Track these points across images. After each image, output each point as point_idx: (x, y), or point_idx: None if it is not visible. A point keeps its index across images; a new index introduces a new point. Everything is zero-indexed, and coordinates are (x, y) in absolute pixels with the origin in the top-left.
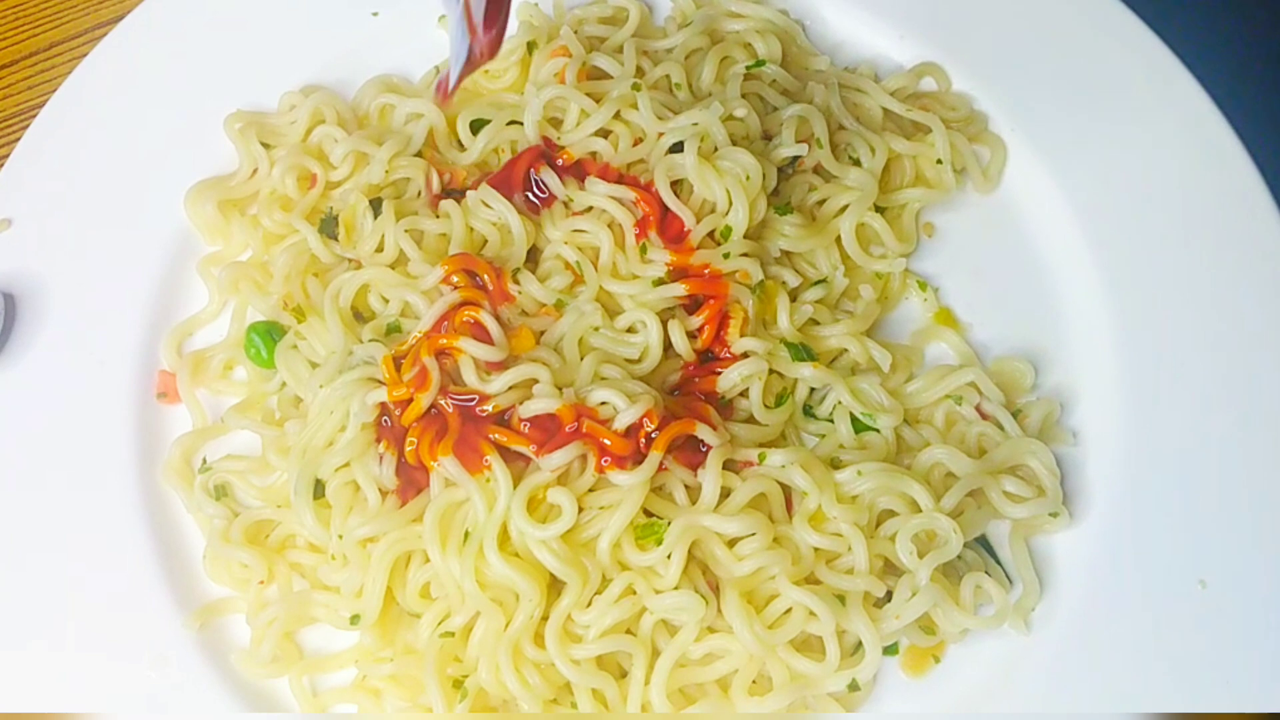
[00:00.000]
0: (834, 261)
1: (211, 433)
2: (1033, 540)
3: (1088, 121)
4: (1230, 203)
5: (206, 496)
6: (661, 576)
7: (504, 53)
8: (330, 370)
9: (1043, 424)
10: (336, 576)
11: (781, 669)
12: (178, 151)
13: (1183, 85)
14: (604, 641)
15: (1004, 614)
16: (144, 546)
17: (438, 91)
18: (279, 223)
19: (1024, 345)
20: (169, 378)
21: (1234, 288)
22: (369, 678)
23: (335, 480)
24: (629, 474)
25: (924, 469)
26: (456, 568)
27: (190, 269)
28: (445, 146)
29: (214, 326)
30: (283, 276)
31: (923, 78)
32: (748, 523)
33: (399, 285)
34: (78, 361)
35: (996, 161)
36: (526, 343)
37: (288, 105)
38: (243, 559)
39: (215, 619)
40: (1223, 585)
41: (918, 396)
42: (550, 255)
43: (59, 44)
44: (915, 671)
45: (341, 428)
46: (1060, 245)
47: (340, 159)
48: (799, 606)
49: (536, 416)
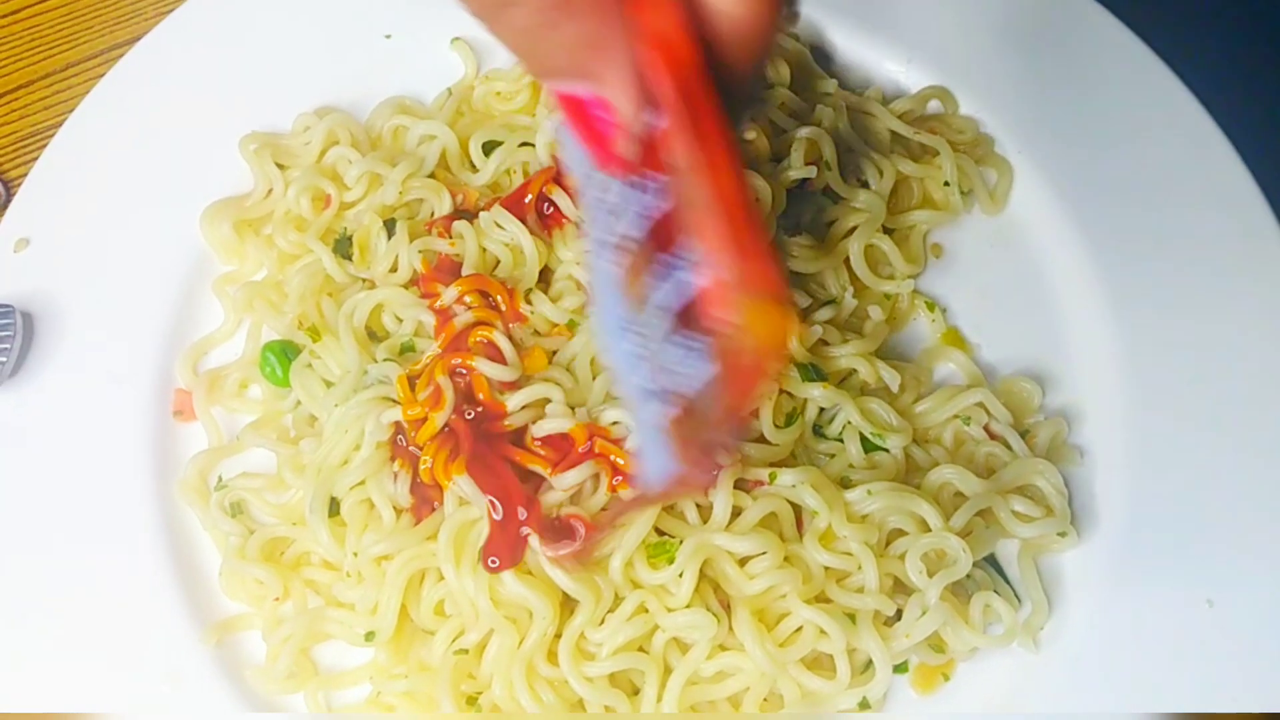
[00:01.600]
0: (843, 282)
1: (227, 450)
2: (1041, 559)
3: (1094, 144)
4: (1236, 224)
5: (222, 513)
6: (673, 595)
7: (516, 75)
8: (345, 389)
9: (1050, 444)
10: (351, 593)
11: (792, 687)
12: (193, 172)
13: (1188, 109)
14: (616, 659)
15: (1013, 632)
16: (160, 563)
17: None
18: (294, 243)
19: (1031, 365)
20: (185, 396)
21: (1240, 307)
22: (383, 694)
23: (350, 498)
24: None
25: (933, 488)
26: (471, 585)
27: (206, 288)
28: (458, 168)
29: (229, 345)
30: (297, 296)
31: (930, 101)
32: (759, 542)
33: (413, 305)
34: (95, 379)
35: (1003, 183)
36: (539, 363)
37: (302, 127)
38: (258, 575)
39: (231, 635)
40: (1230, 604)
41: (926, 416)
42: (563, 276)
43: (75, 65)
44: (925, 689)
45: (356, 446)
46: (1067, 266)
47: (354, 180)
48: (810, 625)
49: (549, 436)
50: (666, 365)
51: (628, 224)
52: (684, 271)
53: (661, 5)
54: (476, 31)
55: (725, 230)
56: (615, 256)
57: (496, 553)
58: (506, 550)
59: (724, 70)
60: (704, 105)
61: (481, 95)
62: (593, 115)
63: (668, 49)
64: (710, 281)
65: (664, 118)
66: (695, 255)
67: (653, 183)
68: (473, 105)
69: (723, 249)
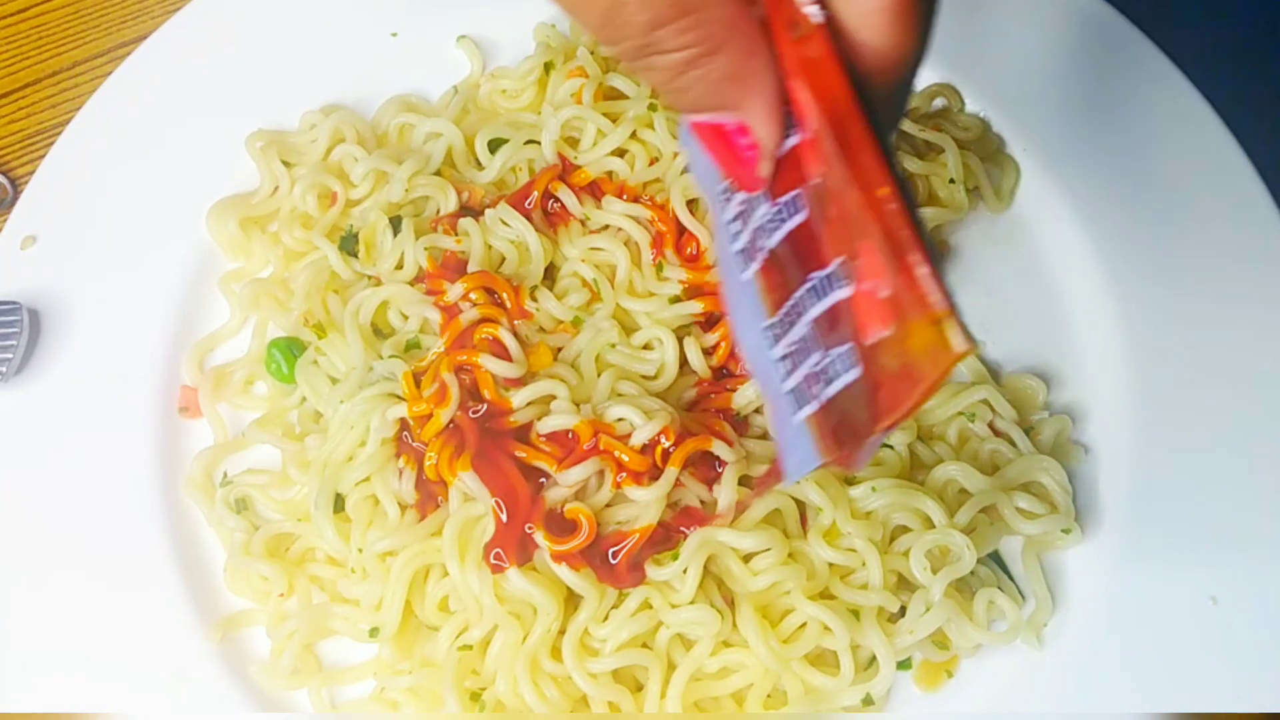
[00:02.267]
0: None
1: (232, 447)
2: (1045, 556)
3: (1100, 142)
4: (1242, 223)
5: (227, 510)
6: (678, 591)
7: (521, 73)
8: (351, 386)
9: (1055, 441)
10: (356, 589)
11: (796, 683)
12: (199, 169)
13: (1194, 108)
14: (620, 655)
15: (1017, 629)
16: (165, 559)
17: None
18: (299, 240)
19: (1036, 362)
20: (191, 393)
21: (1246, 306)
22: (387, 690)
23: (355, 494)
24: (646, 489)
25: (937, 485)
26: (475, 581)
27: (212, 285)
28: (464, 165)
29: (235, 342)
30: (303, 293)
31: (935, 98)
32: (763, 538)
33: (418, 302)
34: (101, 376)
35: (1009, 181)
36: (544, 359)
37: (308, 124)
38: (263, 572)
39: (235, 631)
40: (1234, 602)
41: (931, 413)
42: (568, 273)
43: (81, 63)
44: (929, 686)
45: (362, 442)
46: (1072, 264)
47: (360, 177)
48: (814, 621)
49: (554, 432)
50: (810, 369)
51: (769, 238)
52: (830, 283)
53: (810, 39)
54: (482, 29)
55: (882, 249)
56: (756, 268)
57: (502, 549)
58: (512, 547)
59: (869, 93)
60: (856, 130)
61: (487, 93)
62: (731, 139)
63: (818, 80)
64: (862, 294)
65: (807, 134)
66: (845, 269)
67: (795, 199)
68: (478, 103)
69: (879, 267)
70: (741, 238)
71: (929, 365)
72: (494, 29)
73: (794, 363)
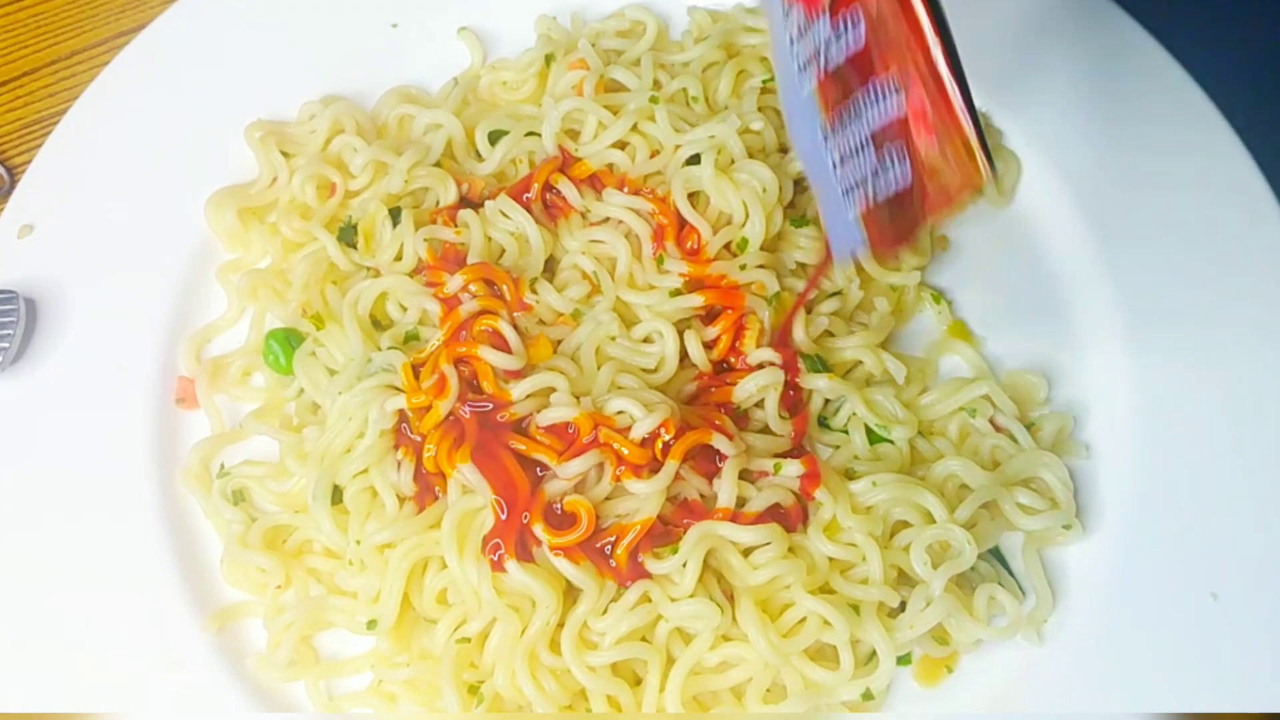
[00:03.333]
0: (849, 274)
1: (230, 438)
2: (1045, 552)
3: (1101, 138)
4: (1243, 218)
5: (224, 501)
6: (677, 584)
7: (522, 65)
8: (349, 377)
9: (1056, 437)
10: (353, 582)
11: (796, 677)
12: (198, 159)
13: (1195, 104)
14: (619, 648)
15: (1017, 625)
16: (161, 550)
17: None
18: (298, 231)
19: (1037, 358)
20: (188, 383)
21: (1247, 302)
22: (385, 682)
23: (353, 486)
24: (645, 483)
25: (938, 481)
26: (474, 574)
27: (210, 276)
28: (463, 157)
29: (233, 333)
30: (301, 284)
31: None
32: (763, 532)
33: (417, 293)
34: (98, 367)
35: (1011, 176)
36: (544, 352)
37: (307, 115)
38: (260, 563)
39: (232, 623)
40: (1234, 598)
41: (932, 409)
42: (568, 265)
43: (80, 52)
44: (929, 681)
45: (360, 434)
46: (1074, 259)
47: (359, 168)
48: (814, 615)
49: (554, 425)
50: (863, 171)
51: (829, 56)
52: (882, 96)
53: None
54: (483, 21)
55: (925, 79)
56: (818, 83)
57: (501, 542)
58: (510, 540)
59: None
60: None
61: (487, 84)
62: None
63: None
64: (910, 109)
65: None
66: (897, 79)
67: (852, 14)
68: (478, 94)
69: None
70: (800, 56)
71: (959, 184)
72: (495, 21)
73: (849, 170)
